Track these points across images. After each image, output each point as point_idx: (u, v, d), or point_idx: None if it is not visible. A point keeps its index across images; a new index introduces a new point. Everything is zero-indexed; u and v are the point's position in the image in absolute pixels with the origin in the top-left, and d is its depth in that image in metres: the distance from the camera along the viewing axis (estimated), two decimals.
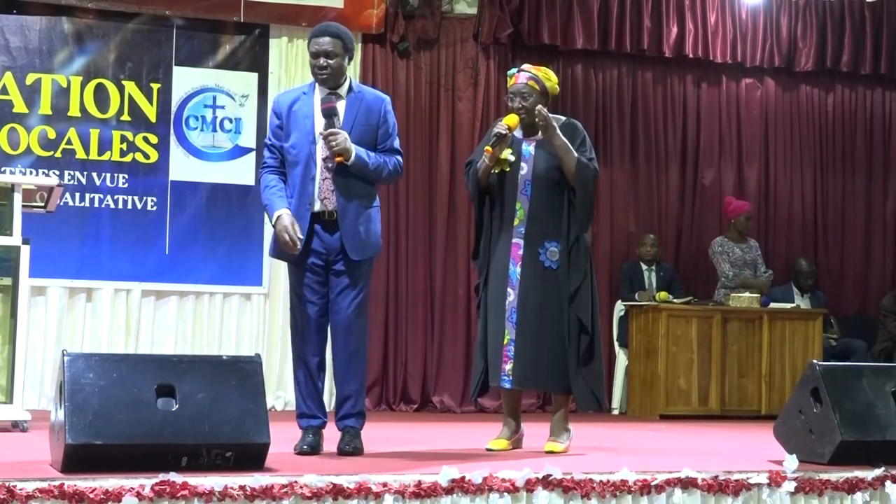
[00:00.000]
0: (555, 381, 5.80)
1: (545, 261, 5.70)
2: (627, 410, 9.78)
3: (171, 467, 4.08)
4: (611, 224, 10.33)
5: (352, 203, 5.43)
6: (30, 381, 8.19)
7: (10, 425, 6.51)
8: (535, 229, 5.72)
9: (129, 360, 4.69)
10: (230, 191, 9.19)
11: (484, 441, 5.85)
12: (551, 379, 5.79)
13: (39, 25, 8.99)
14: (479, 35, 9.94)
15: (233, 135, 9.33)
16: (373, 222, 5.51)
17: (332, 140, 5.33)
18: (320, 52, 5.44)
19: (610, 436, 7.47)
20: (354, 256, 5.41)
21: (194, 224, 9.11)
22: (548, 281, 5.70)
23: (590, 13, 10.12)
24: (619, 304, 10.04)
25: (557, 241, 5.69)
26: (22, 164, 8.74)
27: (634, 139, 10.45)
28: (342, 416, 5.49)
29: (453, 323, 9.77)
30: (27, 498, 3.73)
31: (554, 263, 5.69)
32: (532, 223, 5.72)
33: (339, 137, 5.33)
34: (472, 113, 9.97)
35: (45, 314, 8.78)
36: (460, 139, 9.91)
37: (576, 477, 4.44)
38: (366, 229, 5.46)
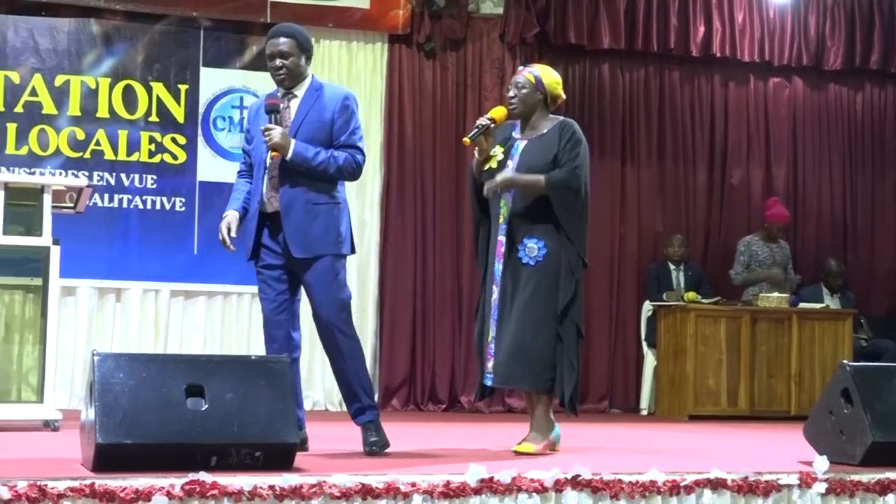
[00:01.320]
0: (528, 380, 5.62)
1: (523, 257, 5.59)
2: (656, 411, 9.75)
3: (200, 467, 4.09)
4: (638, 224, 10.30)
5: (298, 201, 5.35)
6: (60, 380, 8.22)
7: (41, 424, 6.54)
8: (516, 225, 5.63)
9: (159, 360, 4.70)
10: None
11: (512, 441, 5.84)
12: (525, 377, 5.61)
13: (68, 27, 9.04)
14: (505, 35, 9.92)
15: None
16: (324, 218, 5.39)
17: (267, 135, 5.31)
18: (275, 54, 5.44)
19: (639, 436, 7.46)
20: (296, 254, 5.34)
21: None
22: (525, 277, 5.58)
23: (616, 13, 10.09)
24: (647, 304, 10.01)
25: (538, 238, 5.57)
26: (51, 166, 8.79)
27: (662, 139, 10.42)
28: (355, 414, 5.47)
29: None
30: (58, 497, 3.74)
31: (532, 259, 5.57)
32: (514, 220, 5.63)
33: (272, 133, 5.29)
34: None
35: (74, 314, 8.82)
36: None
37: (605, 477, 4.42)
38: (315, 226, 5.35)
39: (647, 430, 8.02)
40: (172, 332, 9.06)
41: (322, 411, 9.13)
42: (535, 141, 5.70)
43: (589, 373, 9.96)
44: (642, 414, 9.83)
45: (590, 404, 9.89)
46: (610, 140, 10.24)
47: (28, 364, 6.86)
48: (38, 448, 5.44)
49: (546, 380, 5.59)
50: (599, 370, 10.01)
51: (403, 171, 9.66)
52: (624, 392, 10.09)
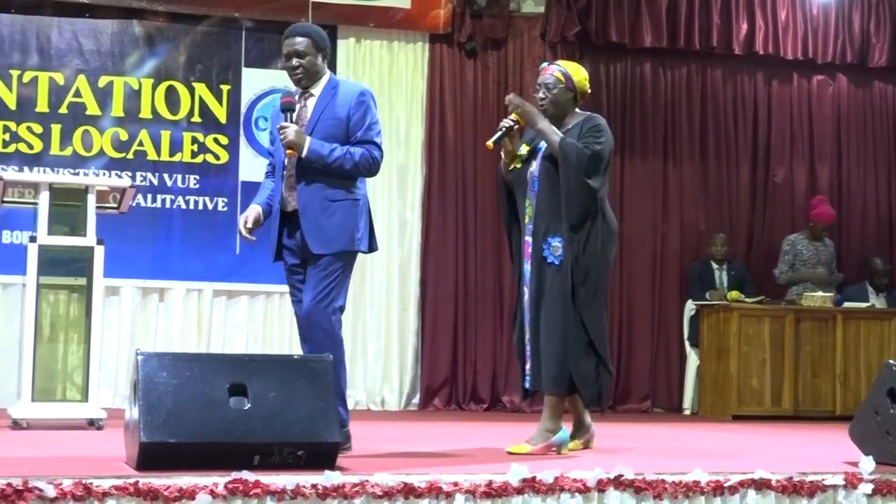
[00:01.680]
0: (545, 380, 5.51)
1: (548, 256, 5.51)
2: (699, 411, 9.70)
3: (243, 466, 4.10)
4: (681, 223, 10.25)
5: (315, 198, 5.35)
6: (104, 379, 8.27)
7: (85, 423, 6.60)
8: (540, 225, 5.55)
9: (202, 359, 4.72)
10: None
11: None
12: (544, 377, 5.52)
13: (111, 29, 9.10)
14: (546, 34, 9.90)
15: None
16: (342, 215, 5.37)
17: (281, 134, 5.32)
18: (291, 53, 5.42)
19: (682, 436, 7.42)
20: (315, 250, 5.32)
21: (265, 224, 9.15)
22: (549, 277, 5.50)
23: (658, 11, 10.04)
24: (690, 303, 9.97)
25: (561, 236, 5.48)
26: (95, 166, 8.86)
27: (704, 137, 10.37)
28: None
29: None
30: (103, 495, 3.76)
31: (556, 259, 5.49)
32: (538, 219, 5.56)
33: (287, 130, 5.30)
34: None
35: (118, 314, 8.88)
36: None
37: (648, 477, 4.40)
38: (332, 223, 5.33)
39: (690, 430, 7.98)
40: (215, 331, 9.11)
41: (364, 410, 9.14)
42: None
43: (631, 372, 9.94)
44: (685, 414, 9.79)
45: (632, 404, 9.87)
46: (652, 139, 10.20)
47: (73, 363, 6.91)
48: (83, 446, 5.48)
49: (559, 382, 5.48)
50: (642, 370, 9.97)
51: (445, 170, 9.66)
52: (666, 392, 10.05)
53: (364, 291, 9.39)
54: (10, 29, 8.90)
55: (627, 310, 10.03)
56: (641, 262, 10.08)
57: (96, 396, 6.72)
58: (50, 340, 6.91)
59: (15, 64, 8.88)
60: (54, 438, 5.89)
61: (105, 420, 6.58)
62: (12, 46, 8.90)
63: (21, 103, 8.85)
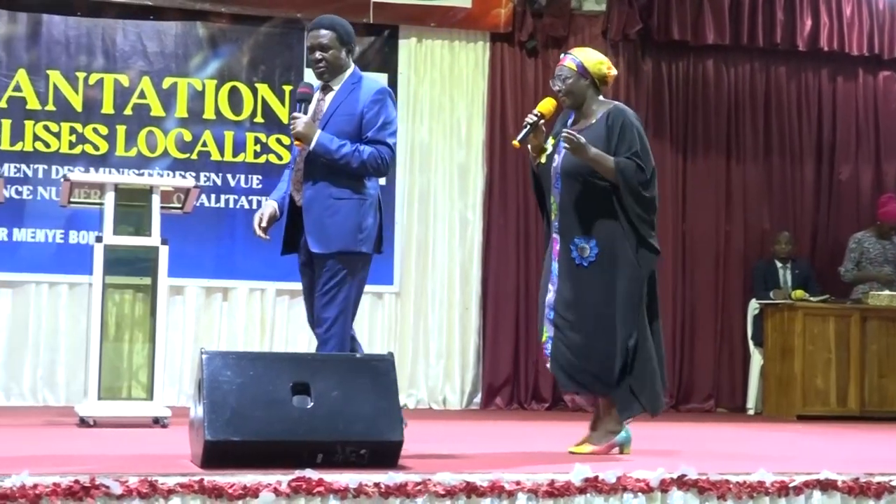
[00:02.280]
0: (599, 384, 5.41)
1: (576, 258, 5.36)
2: (763, 410, 9.62)
3: (306, 464, 4.12)
4: (744, 221, 10.17)
5: (320, 195, 5.27)
6: (169, 378, 8.35)
7: (150, 421, 6.66)
8: (565, 224, 5.40)
9: (265, 358, 4.75)
10: None
11: None
12: (596, 381, 5.40)
13: (175, 30, 9.19)
14: (607, 32, 9.86)
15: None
16: (344, 214, 5.27)
17: (291, 124, 5.29)
18: (315, 46, 5.34)
19: (746, 436, 7.36)
20: (314, 248, 5.27)
21: None
22: (580, 279, 5.36)
23: (721, 7, 9.97)
24: (754, 302, 9.89)
25: (587, 237, 5.34)
26: (160, 167, 8.95)
27: (768, 135, 10.28)
28: None
29: None
30: (168, 492, 3.79)
31: (585, 261, 5.34)
32: (563, 217, 5.41)
33: (296, 121, 5.25)
34: None
35: (182, 313, 8.96)
36: None
37: (712, 477, 4.37)
38: (333, 221, 5.25)
39: (754, 430, 7.92)
40: (278, 330, 9.16)
41: (426, 409, 9.16)
42: (583, 133, 5.41)
43: (694, 372, 9.89)
44: (749, 414, 9.71)
45: (695, 403, 9.82)
46: (715, 137, 10.13)
47: (138, 362, 6.97)
48: (148, 444, 5.53)
49: (608, 384, 5.39)
50: (705, 369, 9.91)
51: (506, 170, 9.65)
52: (730, 391, 9.98)
53: (425, 291, 9.41)
54: (76, 32, 9.01)
55: (691, 309, 9.97)
56: (705, 261, 10.02)
57: (161, 395, 6.78)
58: (116, 339, 6.98)
59: (81, 66, 8.99)
60: (120, 436, 5.95)
61: (170, 418, 6.64)
62: (78, 49, 9.01)
63: (87, 105, 8.95)
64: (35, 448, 5.39)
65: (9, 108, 8.80)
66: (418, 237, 9.45)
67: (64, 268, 8.68)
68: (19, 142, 8.78)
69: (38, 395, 8.68)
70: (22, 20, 8.93)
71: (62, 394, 8.67)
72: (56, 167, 8.76)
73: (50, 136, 8.84)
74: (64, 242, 8.76)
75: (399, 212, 9.41)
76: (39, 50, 8.94)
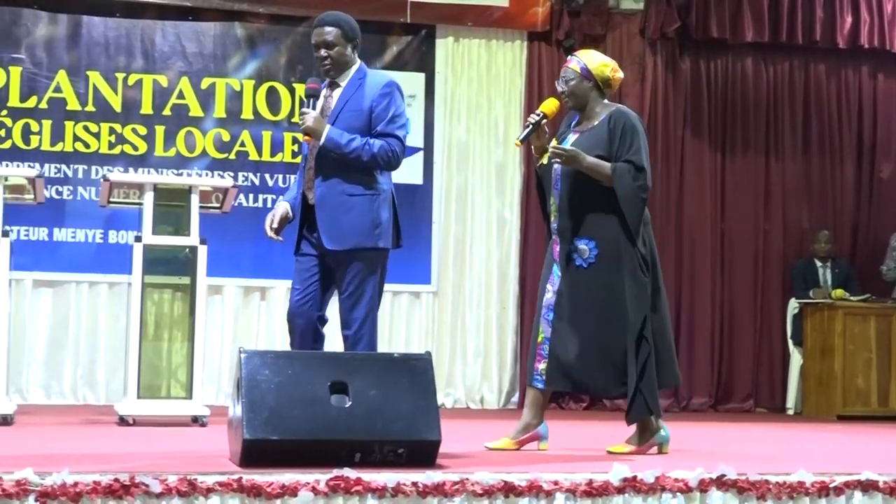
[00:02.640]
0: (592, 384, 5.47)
1: (576, 259, 5.38)
2: (803, 410, 9.57)
3: (344, 463, 4.12)
4: (783, 220, 10.11)
5: (332, 192, 5.23)
6: (208, 377, 8.38)
7: (189, 420, 6.69)
8: (564, 225, 5.42)
9: (303, 357, 4.75)
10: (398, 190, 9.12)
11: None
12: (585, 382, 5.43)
13: (213, 31, 9.23)
14: (645, 30, 9.84)
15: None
16: (359, 210, 5.23)
17: (300, 119, 5.23)
18: (320, 44, 5.31)
19: (785, 436, 7.32)
20: (328, 246, 5.22)
21: None
22: (580, 280, 5.38)
23: (760, 5, 9.91)
24: (793, 301, 9.83)
25: (588, 239, 5.36)
26: (198, 167, 8.99)
27: (807, 133, 10.21)
28: None
29: None
30: (207, 491, 3.81)
31: (584, 262, 5.37)
32: (562, 219, 5.44)
33: (306, 116, 5.19)
34: (640, 109, 9.85)
35: (221, 312, 9.00)
36: None
37: (751, 478, 4.34)
38: (347, 218, 5.21)
39: (793, 430, 7.87)
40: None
41: (463, 409, 9.16)
42: (585, 135, 5.46)
43: (734, 372, 9.85)
44: (789, 413, 9.66)
45: (734, 403, 9.78)
46: (754, 135, 10.08)
47: (177, 361, 7.01)
48: (187, 443, 5.56)
49: (622, 384, 5.37)
50: (744, 369, 9.87)
51: None
52: (769, 391, 9.93)
53: (463, 290, 9.41)
54: (116, 33, 9.07)
55: (730, 309, 9.92)
56: (744, 260, 9.97)
57: (200, 393, 6.82)
58: (155, 338, 7.02)
59: (120, 67, 9.04)
60: (159, 435, 5.98)
61: (208, 417, 6.67)
62: (117, 50, 9.06)
63: (126, 105, 9.01)
64: (75, 446, 5.43)
65: (49, 109, 8.87)
66: (456, 236, 9.45)
67: (104, 267, 8.74)
68: (59, 142, 8.85)
69: (79, 393, 8.75)
70: (62, 22, 8.99)
71: (102, 392, 8.72)
72: (96, 167, 8.82)
73: (90, 137, 8.91)
74: (104, 242, 8.83)
75: (437, 211, 9.42)
76: (79, 51, 9.00)
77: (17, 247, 7.30)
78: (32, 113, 8.84)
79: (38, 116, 8.85)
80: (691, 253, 9.88)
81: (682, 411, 9.58)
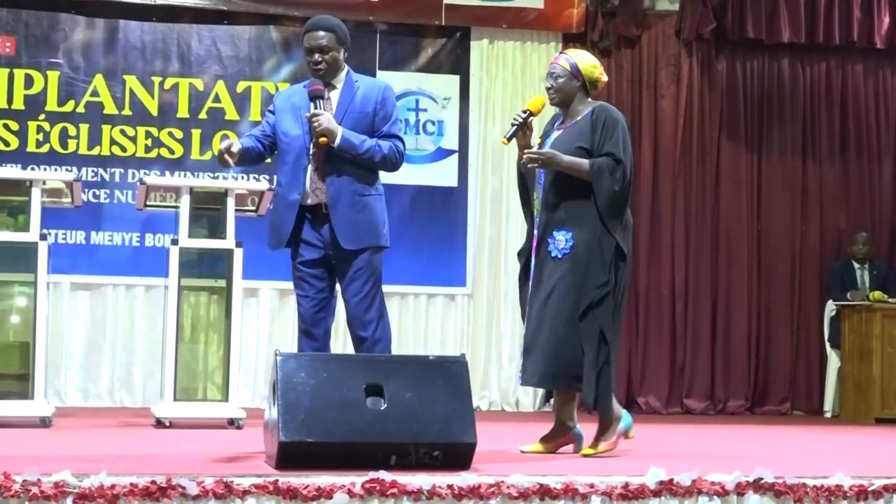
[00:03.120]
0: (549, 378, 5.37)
1: (552, 250, 5.37)
2: (840, 413, 9.50)
3: (380, 465, 4.13)
4: (820, 222, 10.05)
5: (344, 192, 5.24)
6: (243, 379, 8.41)
7: (226, 422, 6.72)
8: (546, 218, 5.42)
9: (339, 359, 4.77)
10: (434, 193, 9.30)
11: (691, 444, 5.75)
12: (545, 375, 5.35)
13: (249, 35, 9.27)
14: (681, 31, 9.80)
15: (435, 137, 9.44)
16: (370, 210, 5.30)
17: (315, 120, 5.20)
18: (314, 48, 5.34)
19: (823, 439, 7.27)
20: (346, 245, 5.23)
21: (399, 226, 9.18)
22: (553, 271, 5.35)
23: (796, 5, 9.85)
24: (831, 303, 9.77)
25: (567, 229, 5.34)
26: (234, 170, 9.02)
27: (844, 134, 10.14)
28: None
29: (658, 323, 9.67)
30: (244, 493, 3.82)
31: (560, 252, 5.34)
32: (544, 212, 5.44)
33: (321, 118, 5.19)
34: (675, 110, 9.84)
35: (257, 315, 9.03)
36: (663, 137, 9.81)
37: (788, 481, 4.32)
38: (361, 218, 5.25)
39: (831, 433, 7.82)
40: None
41: (499, 412, 9.15)
42: (568, 129, 5.48)
43: (770, 374, 9.80)
44: (826, 416, 9.59)
45: (771, 405, 9.73)
46: (790, 136, 10.02)
47: (213, 364, 7.04)
48: (224, 445, 5.58)
49: (567, 379, 5.32)
50: (781, 371, 9.81)
51: None
52: (807, 394, 9.87)
53: (497, 293, 9.40)
54: (152, 37, 9.12)
55: (766, 310, 9.87)
56: (781, 262, 9.91)
57: (236, 396, 6.84)
58: (191, 341, 7.06)
59: (157, 71, 9.09)
60: (196, 437, 6.01)
61: (244, 419, 6.69)
62: (154, 54, 9.12)
63: (162, 109, 9.06)
64: (112, 449, 5.46)
65: (86, 113, 8.93)
66: (491, 238, 9.44)
67: (140, 270, 8.79)
68: (96, 146, 8.90)
69: (115, 396, 8.80)
70: (99, 26, 9.05)
71: (139, 395, 8.77)
72: (132, 171, 8.87)
73: (126, 141, 8.96)
74: (140, 245, 8.87)
75: (471, 213, 9.41)
76: (116, 55, 9.06)
77: (55, 250, 7.36)
78: (70, 117, 8.91)
79: (76, 120, 8.91)
80: (727, 255, 9.83)
81: (719, 414, 9.54)
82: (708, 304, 9.77)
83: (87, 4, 8.99)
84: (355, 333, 5.34)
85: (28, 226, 6.57)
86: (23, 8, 8.92)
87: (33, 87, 8.88)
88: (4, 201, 6.85)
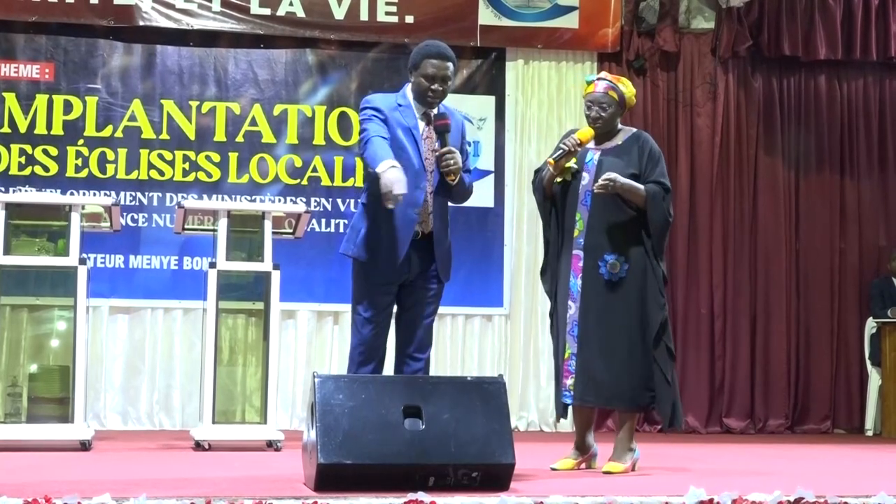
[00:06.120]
0: (619, 398, 5.52)
1: (605, 273, 5.47)
2: (882, 432, 9.42)
3: (418, 487, 4.13)
4: (859, 238, 9.98)
5: (444, 224, 5.25)
6: (282, 402, 8.43)
7: (264, 444, 6.73)
8: (594, 241, 5.51)
9: (377, 381, 4.76)
10: (470, 213, 9.29)
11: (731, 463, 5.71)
12: (615, 396, 5.50)
13: (285, 58, 9.33)
14: (717, 49, 9.78)
15: (472, 158, 9.43)
16: (450, 242, 5.33)
17: (451, 159, 5.11)
18: (441, 77, 5.17)
19: (864, 457, 7.21)
20: (445, 279, 5.28)
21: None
22: (609, 294, 5.48)
23: (832, 22, 9.82)
24: (871, 321, 9.69)
25: (618, 254, 5.47)
26: (271, 193, 9.07)
27: (883, 150, 10.08)
28: None
29: (696, 342, 9.62)
30: None
31: (615, 276, 5.46)
32: (591, 234, 5.52)
33: (456, 156, 5.13)
34: (712, 129, 9.81)
35: (294, 337, 9.05)
36: (699, 155, 9.78)
37: (829, 500, 4.28)
38: (450, 250, 5.30)
39: (872, 452, 7.75)
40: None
41: (537, 432, 9.13)
42: (612, 151, 5.62)
43: (810, 392, 9.74)
44: (867, 435, 9.51)
45: (811, 424, 9.66)
46: (828, 153, 9.97)
47: (251, 386, 7.06)
48: (262, 467, 5.59)
49: (642, 399, 5.50)
50: (821, 389, 9.74)
51: None
52: (847, 412, 9.80)
53: (535, 312, 9.38)
54: (190, 62, 9.19)
55: (805, 328, 9.80)
56: (819, 279, 9.85)
57: (274, 418, 6.85)
58: (229, 364, 7.08)
59: (194, 95, 9.16)
60: (234, 459, 6.02)
61: (283, 441, 6.70)
62: (191, 78, 9.19)
63: (200, 133, 9.12)
64: (152, 471, 5.48)
65: (124, 138, 9.00)
66: (527, 259, 9.43)
67: (178, 293, 8.83)
68: (135, 170, 8.97)
69: (155, 419, 8.83)
70: (137, 52, 9.13)
71: (178, 418, 8.80)
72: (170, 195, 8.93)
73: (164, 165, 9.02)
74: (178, 268, 8.92)
75: (508, 233, 9.42)
76: (154, 80, 9.14)
77: (94, 274, 7.41)
78: (108, 142, 8.98)
79: (114, 145, 8.98)
80: (766, 272, 9.78)
81: (758, 433, 9.47)
82: (747, 323, 9.71)
83: (124, 30, 9.07)
84: (413, 355, 5.31)
85: (67, 250, 6.62)
86: (61, 35, 9.02)
87: (72, 112, 8.97)
88: (44, 226, 6.91)
